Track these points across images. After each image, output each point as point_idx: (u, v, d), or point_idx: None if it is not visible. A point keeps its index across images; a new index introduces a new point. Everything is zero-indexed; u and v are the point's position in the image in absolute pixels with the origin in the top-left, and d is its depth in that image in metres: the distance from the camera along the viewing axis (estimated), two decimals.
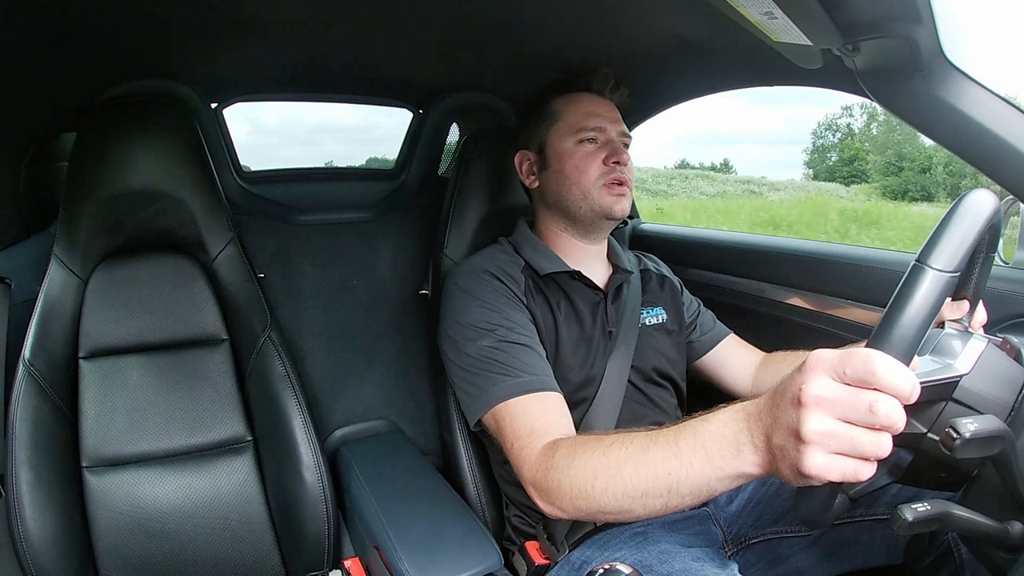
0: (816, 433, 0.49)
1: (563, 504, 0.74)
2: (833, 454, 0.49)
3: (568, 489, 0.73)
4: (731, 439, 0.58)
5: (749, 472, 0.57)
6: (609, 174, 1.01)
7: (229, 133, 1.48)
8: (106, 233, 1.07)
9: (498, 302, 0.95)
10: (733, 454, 0.58)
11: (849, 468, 0.49)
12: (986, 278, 0.74)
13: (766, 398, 0.56)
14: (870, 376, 0.48)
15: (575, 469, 0.72)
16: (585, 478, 0.71)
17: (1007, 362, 0.66)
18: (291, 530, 1.08)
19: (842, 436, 0.48)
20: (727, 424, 0.60)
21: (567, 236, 1.07)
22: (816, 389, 0.49)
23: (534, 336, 0.94)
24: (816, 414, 0.49)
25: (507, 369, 0.88)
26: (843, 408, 0.48)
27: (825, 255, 1.29)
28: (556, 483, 0.74)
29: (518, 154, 1.10)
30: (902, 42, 0.74)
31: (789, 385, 0.53)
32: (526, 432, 0.82)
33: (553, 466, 0.75)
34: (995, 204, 0.57)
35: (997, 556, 0.63)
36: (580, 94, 1.07)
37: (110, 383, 1.06)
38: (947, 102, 0.81)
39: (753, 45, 0.83)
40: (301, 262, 1.43)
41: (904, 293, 0.52)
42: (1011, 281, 0.99)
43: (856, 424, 0.48)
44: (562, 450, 0.76)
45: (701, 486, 0.61)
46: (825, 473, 0.49)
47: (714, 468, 0.59)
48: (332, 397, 1.41)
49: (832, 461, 0.49)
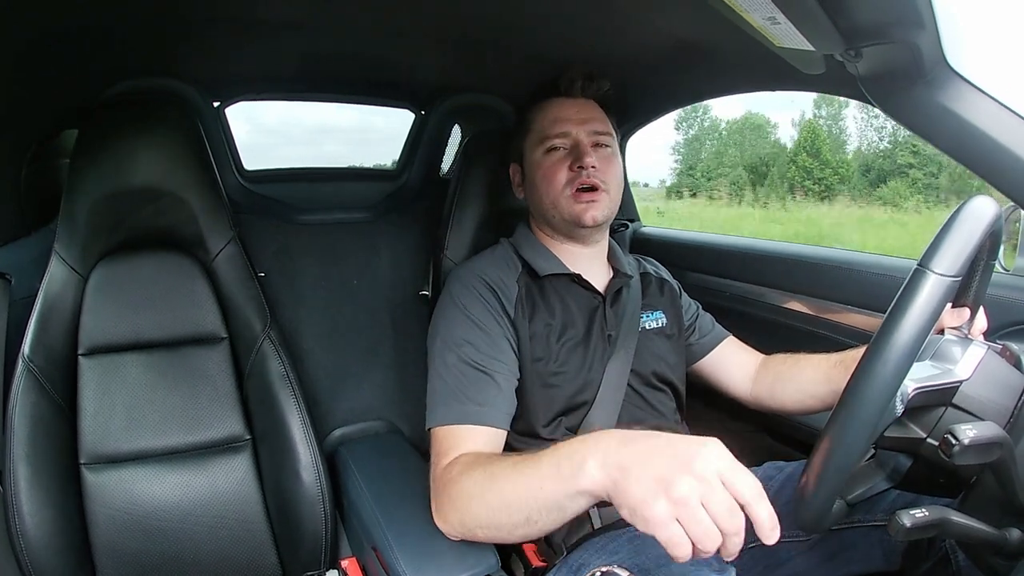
0: (681, 495, 0.53)
1: (448, 516, 0.78)
2: (674, 518, 0.54)
3: (455, 500, 0.77)
4: (579, 453, 0.62)
5: (587, 488, 0.61)
6: (575, 180, 0.98)
7: (231, 132, 1.48)
8: (107, 230, 1.07)
9: (478, 316, 0.95)
10: (578, 468, 0.61)
11: (677, 537, 0.53)
12: (986, 285, 0.74)
13: (646, 434, 0.61)
14: (749, 498, 0.54)
15: (461, 482, 0.76)
16: (467, 490, 0.75)
17: (1007, 369, 0.66)
18: (288, 529, 1.08)
19: (695, 512, 0.53)
20: (583, 441, 0.64)
21: (558, 241, 1.07)
22: (706, 467, 0.54)
23: (500, 359, 0.93)
24: (692, 484, 0.54)
25: (457, 394, 0.89)
26: (714, 498, 0.53)
27: (825, 260, 1.29)
28: (447, 495, 0.78)
29: (510, 167, 1.11)
30: (905, 48, 0.74)
31: (682, 443, 0.58)
32: (444, 453, 0.85)
33: (450, 479, 0.79)
34: (996, 210, 0.58)
35: (995, 562, 0.63)
36: (549, 100, 1.05)
37: (109, 380, 1.06)
38: (949, 109, 0.81)
39: (756, 50, 0.83)
40: (302, 262, 1.43)
41: (906, 296, 0.53)
42: (1011, 288, 0.99)
43: (711, 514, 0.53)
44: (457, 466, 0.80)
45: (551, 500, 0.65)
46: (657, 526, 0.54)
47: (562, 481, 0.63)
48: (331, 397, 1.41)
49: (670, 522, 0.54)
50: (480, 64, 1.40)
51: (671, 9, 0.98)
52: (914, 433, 0.62)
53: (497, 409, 0.89)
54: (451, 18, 1.12)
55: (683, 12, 0.97)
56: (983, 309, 0.78)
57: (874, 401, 0.55)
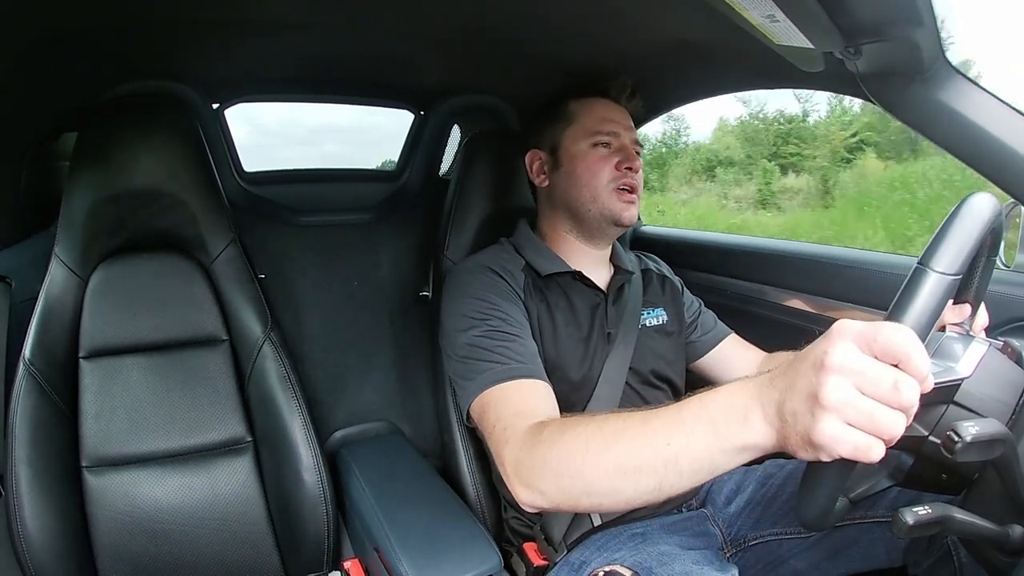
0: (836, 399, 0.47)
1: (545, 484, 0.69)
2: (847, 425, 0.47)
3: (555, 464, 0.67)
4: (740, 406, 0.55)
5: (755, 442, 0.54)
6: (620, 179, 1.01)
7: (231, 134, 1.48)
8: (107, 233, 1.07)
9: (493, 295, 0.95)
10: (740, 422, 0.54)
11: (862, 443, 0.47)
12: (987, 282, 0.74)
13: (782, 366, 0.54)
14: (902, 355, 0.46)
15: (564, 442, 0.68)
16: (575, 449, 0.66)
17: (1008, 365, 0.66)
18: (291, 531, 1.08)
19: (861, 407, 0.47)
20: (736, 393, 0.56)
21: (571, 238, 1.07)
22: (841, 356, 0.47)
23: (526, 329, 0.93)
24: (839, 380, 0.47)
25: (496, 357, 0.87)
26: (867, 380, 0.47)
27: (827, 258, 1.29)
28: (541, 459, 0.69)
29: (529, 153, 1.11)
30: (904, 46, 0.74)
31: (812, 350, 0.50)
32: (511, 414, 0.79)
33: (540, 441, 0.71)
34: (996, 207, 0.58)
35: (997, 560, 0.63)
36: (596, 99, 1.07)
37: (110, 383, 1.06)
38: (948, 106, 0.81)
39: (755, 48, 0.83)
40: (302, 263, 1.43)
41: (907, 294, 0.52)
42: (1012, 285, 0.99)
43: (876, 399, 0.47)
44: (552, 426, 0.72)
45: (703, 459, 0.57)
46: (836, 444, 0.47)
47: (719, 437, 0.56)
48: (332, 398, 1.41)
49: (846, 432, 0.47)
50: (480, 65, 1.40)
51: (670, 8, 0.98)
52: (916, 431, 0.62)
53: (539, 367, 0.87)
54: (451, 19, 1.12)
55: (682, 11, 0.97)
56: (984, 306, 0.78)
57: None
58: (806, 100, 10.76)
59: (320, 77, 1.45)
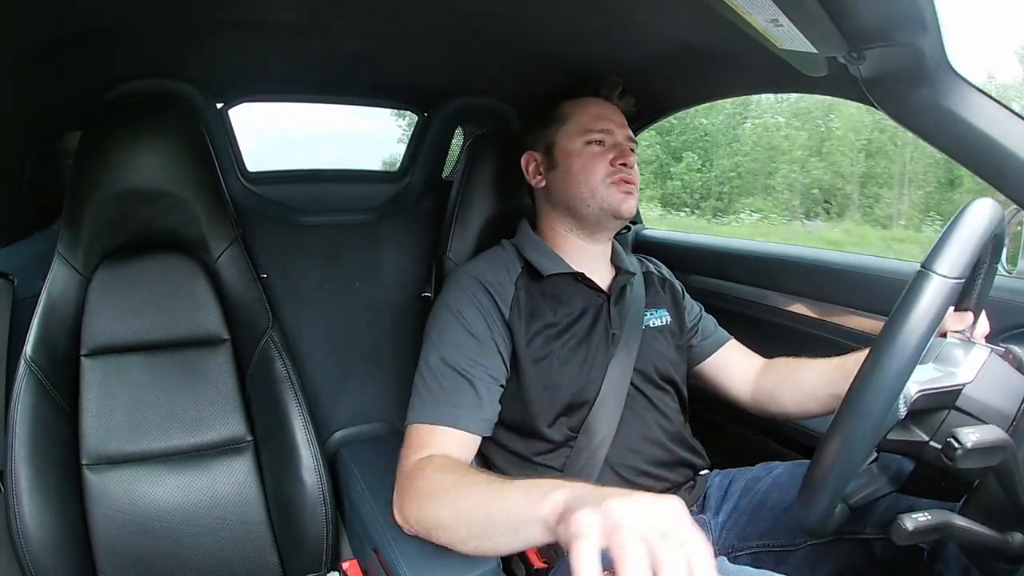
0: (619, 514, 0.50)
1: (409, 510, 0.79)
2: (599, 526, 0.50)
3: (421, 496, 0.78)
4: (549, 486, 0.63)
5: (543, 517, 0.60)
6: (616, 174, 1.02)
7: (234, 134, 1.48)
8: (109, 231, 1.07)
9: (468, 319, 0.96)
10: (542, 496, 0.61)
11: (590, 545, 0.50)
12: (989, 288, 0.74)
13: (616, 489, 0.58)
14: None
15: (434, 481, 0.78)
16: (436, 490, 0.77)
17: (1009, 372, 0.66)
18: (290, 531, 1.07)
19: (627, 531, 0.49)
20: (558, 479, 0.68)
21: (571, 237, 1.07)
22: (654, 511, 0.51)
23: (484, 364, 0.94)
24: (628, 506, 0.51)
25: (444, 395, 0.90)
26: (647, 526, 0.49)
27: (828, 263, 1.29)
28: (414, 489, 0.80)
29: (524, 155, 1.11)
30: (908, 51, 0.74)
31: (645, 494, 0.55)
32: (415, 449, 0.86)
33: (420, 474, 0.80)
34: (999, 213, 0.58)
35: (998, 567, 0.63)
36: (588, 98, 1.09)
37: (111, 381, 1.06)
38: (952, 112, 0.81)
39: (758, 52, 0.83)
40: (304, 263, 1.43)
41: (909, 297, 0.53)
42: (1014, 291, 0.99)
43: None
44: (434, 464, 0.82)
45: (510, 521, 0.66)
46: (582, 534, 0.50)
47: (526, 505, 0.63)
48: (333, 399, 1.41)
49: (594, 528, 0.50)
50: (483, 67, 1.40)
51: (673, 12, 0.98)
52: (917, 436, 0.62)
53: (472, 414, 0.90)
54: (455, 21, 1.12)
55: (685, 14, 0.97)
56: (986, 312, 0.78)
57: (878, 403, 0.55)
58: None
59: (324, 78, 1.45)
